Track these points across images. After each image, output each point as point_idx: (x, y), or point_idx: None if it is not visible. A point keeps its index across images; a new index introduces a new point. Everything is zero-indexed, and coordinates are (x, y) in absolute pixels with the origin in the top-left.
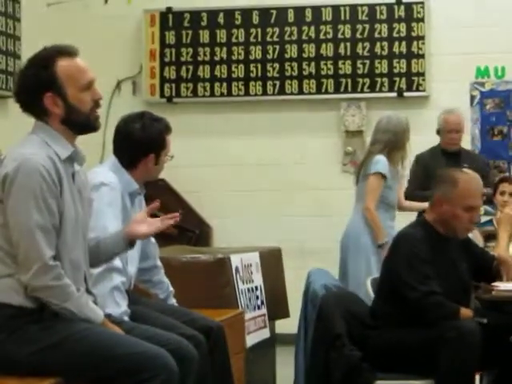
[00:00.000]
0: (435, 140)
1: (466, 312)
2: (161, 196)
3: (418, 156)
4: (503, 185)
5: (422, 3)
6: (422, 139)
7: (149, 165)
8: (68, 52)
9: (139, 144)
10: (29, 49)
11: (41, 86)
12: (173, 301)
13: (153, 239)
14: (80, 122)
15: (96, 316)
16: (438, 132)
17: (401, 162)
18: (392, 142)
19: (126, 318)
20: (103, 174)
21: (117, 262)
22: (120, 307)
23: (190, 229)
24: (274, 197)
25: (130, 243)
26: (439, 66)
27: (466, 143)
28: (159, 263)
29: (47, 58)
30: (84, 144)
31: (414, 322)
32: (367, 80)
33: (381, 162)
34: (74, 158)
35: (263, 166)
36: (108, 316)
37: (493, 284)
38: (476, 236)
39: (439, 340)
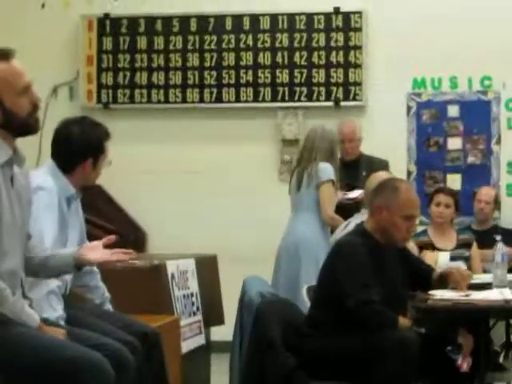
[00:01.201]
0: (371, 149)
1: (404, 321)
2: (97, 202)
3: None
4: (438, 195)
5: (360, 13)
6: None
7: (86, 169)
8: (3, 55)
9: (78, 148)
10: None
11: None
12: (109, 306)
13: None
14: (18, 126)
15: (32, 320)
16: None
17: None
18: (329, 150)
19: (62, 322)
20: (40, 178)
21: None
22: (56, 311)
23: (126, 235)
24: (210, 204)
25: (78, 267)
26: (376, 75)
27: (403, 153)
28: (95, 268)
29: None
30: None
31: (351, 330)
32: (304, 89)
33: (329, 169)
34: (14, 161)
35: (200, 173)
36: (44, 320)
37: (429, 293)
38: (411, 246)
39: (377, 349)
